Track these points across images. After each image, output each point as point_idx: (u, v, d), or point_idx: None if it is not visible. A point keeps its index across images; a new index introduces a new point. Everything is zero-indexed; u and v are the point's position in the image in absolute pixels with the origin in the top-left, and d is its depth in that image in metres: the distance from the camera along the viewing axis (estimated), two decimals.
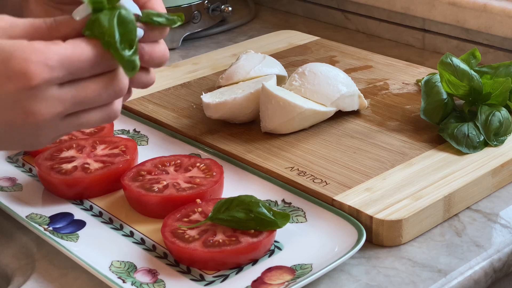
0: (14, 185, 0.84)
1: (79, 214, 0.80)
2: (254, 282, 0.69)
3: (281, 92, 0.89)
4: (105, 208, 0.80)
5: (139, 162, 0.85)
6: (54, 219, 0.78)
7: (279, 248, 0.73)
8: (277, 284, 0.68)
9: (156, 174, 0.81)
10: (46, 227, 0.76)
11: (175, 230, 0.72)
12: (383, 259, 0.73)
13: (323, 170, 0.83)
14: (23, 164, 0.89)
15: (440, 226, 0.78)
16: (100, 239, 0.76)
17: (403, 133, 0.90)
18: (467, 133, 0.86)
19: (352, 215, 0.76)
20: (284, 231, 0.74)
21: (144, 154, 0.88)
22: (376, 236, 0.75)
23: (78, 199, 0.82)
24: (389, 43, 1.27)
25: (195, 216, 0.75)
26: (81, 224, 0.78)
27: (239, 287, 0.68)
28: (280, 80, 0.99)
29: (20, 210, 0.79)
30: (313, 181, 0.81)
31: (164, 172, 0.81)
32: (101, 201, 0.82)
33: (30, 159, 0.89)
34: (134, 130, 0.95)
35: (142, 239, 0.76)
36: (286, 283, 0.68)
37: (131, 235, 0.76)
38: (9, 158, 0.90)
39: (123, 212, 0.80)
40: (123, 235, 0.76)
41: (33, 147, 0.61)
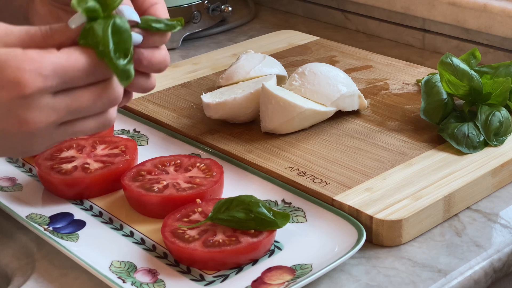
0: (14, 185, 0.84)
1: (79, 214, 0.80)
2: (254, 282, 0.69)
3: (281, 92, 0.89)
4: (105, 208, 0.80)
5: (139, 162, 0.85)
6: (54, 219, 0.78)
7: (279, 248, 0.73)
8: (277, 284, 0.68)
9: (156, 174, 0.81)
10: (46, 227, 0.76)
11: (175, 230, 0.72)
12: (383, 259, 0.73)
13: (323, 170, 0.83)
14: (23, 164, 0.89)
15: (440, 226, 0.78)
16: (100, 239, 0.76)
17: (403, 133, 0.90)
18: (467, 133, 0.86)
19: (352, 215, 0.76)
20: (284, 231, 0.74)
21: (144, 154, 0.88)
22: (376, 236, 0.75)
23: (78, 199, 0.82)
24: (389, 43, 1.27)
25: (195, 216, 0.75)
26: (81, 224, 0.78)
27: (239, 287, 0.68)
28: (280, 80, 0.99)
29: (20, 210, 0.79)
30: (313, 181, 0.81)
31: (164, 172, 0.81)
32: (101, 201, 0.82)
33: (30, 159, 0.89)
34: (134, 130, 0.95)
35: (142, 239, 0.76)
36: (286, 283, 0.68)
37: (131, 235, 0.76)
38: (9, 158, 0.90)
39: (123, 212, 0.80)
40: (123, 235, 0.76)
41: (28, 154, 0.61)
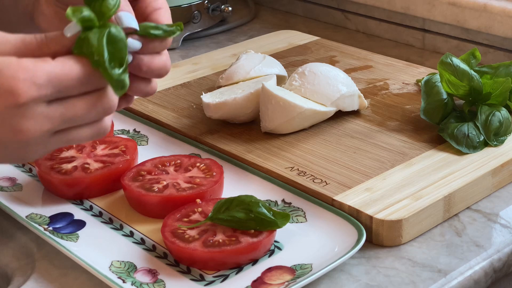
0: (14, 185, 0.84)
1: (79, 214, 0.80)
2: (254, 282, 0.69)
3: (281, 92, 0.89)
4: (105, 208, 0.80)
5: (139, 162, 0.85)
6: (54, 219, 0.78)
7: (279, 248, 0.73)
8: (277, 284, 0.68)
9: (156, 174, 0.81)
10: (46, 227, 0.76)
11: (175, 230, 0.72)
12: (383, 259, 0.73)
13: (323, 170, 0.83)
14: (23, 164, 0.89)
15: (440, 226, 0.78)
16: (100, 239, 0.75)
17: (403, 133, 0.90)
18: (467, 133, 0.86)
19: (352, 215, 0.76)
20: (284, 231, 0.74)
21: (144, 154, 0.88)
22: (376, 236, 0.75)
23: (78, 199, 0.82)
24: (389, 43, 1.27)
25: (195, 216, 0.75)
26: (81, 224, 0.78)
27: (239, 287, 0.68)
28: (280, 80, 0.99)
29: (20, 210, 0.79)
30: (313, 181, 0.81)
31: (164, 172, 0.81)
32: (101, 201, 0.82)
33: None
34: (134, 130, 0.95)
35: (142, 239, 0.76)
36: (286, 283, 0.68)
37: (131, 235, 0.76)
38: None
39: (123, 212, 0.80)
40: (123, 235, 0.76)
41: (23, 161, 0.61)
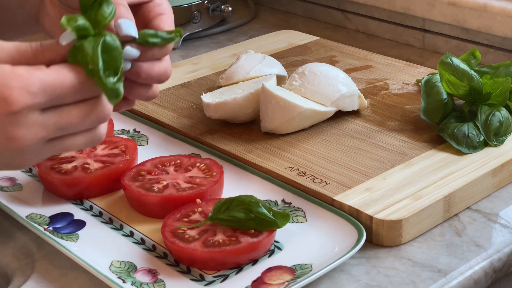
0: (14, 185, 0.84)
1: (79, 214, 0.80)
2: (254, 282, 0.69)
3: (281, 92, 0.89)
4: (105, 208, 0.80)
5: (139, 162, 0.85)
6: (54, 219, 0.78)
7: (279, 248, 0.73)
8: (277, 284, 0.68)
9: (156, 174, 0.81)
10: (46, 227, 0.76)
11: (175, 230, 0.72)
12: (383, 259, 0.73)
13: (323, 170, 0.83)
14: None
15: (440, 226, 0.78)
16: (100, 239, 0.75)
17: (403, 133, 0.90)
18: (467, 133, 0.86)
19: (352, 215, 0.75)
20: (284, 231, 0.74)
21: (144, 154, 0.88)
22: (376, 236, 0.75)
23: (78, 199, 0.82)
24: (389, 43, 1.27)
25: (195, 216, 0.74)
26: (81, 224, 0.78)
27: (239, 287, 0.68)
28: (280, 80, 0.99)
29: (20, 210, 0.79)
30: (313, 181, 0.81)
31: (164, 172, 0.81)
32: (101, 201, 0.82)
33: None
34: (134, 130, 0.95)
35: (142, 239, 0.76)
36: (286, 283, 0.68)
37: (131, 235, 0.76)
38: None
39: (123, 212, 0.80)
40: (123, 235, 0.76)
41: (17, 168, 0.61)
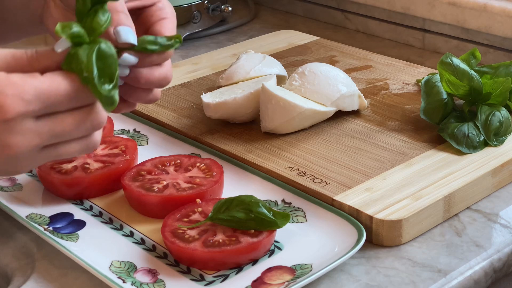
0: (14, 185, 0.84)
1: (79, 214, 0.80)
2: (254, 282, 0.69)
3: (281, 92, 0.89)
4: (105, 208, 0.80)
5: (139, 162, 0.85)
6: (54, 219, 0.78)
7: (279, 248, 0.73)
8: (277, 284, 0.68)
9: (156, 174, 0.81)
10: (46, 227, 0.76)
11: (175, 230, 0.72)
12: (383, 259, 0.73)
13: (323, 170, 0.83)
14: None
15: (440, 226, 0.78)
16: (100, 239, 0.75)
17: (403, 133, 0.90)
18: (467, 133, 0.86)
19: (352, 215, 0.75)
20: (284, 231, 0.74)
21: (144, 154, 0.88)
22: (376, 236, 0.75)
23: (78, 199, 0.82)
24: (389, 43, 1.27)
25: (195, 216, 0.74)
26: (81, 224, 0.78)
27: (239, 287, 0.68)
28: (280, 80, 0.99)
29: (20, 210, 0.79)
30: (313, 181, 0.81)
31: (164, 172, 0.81)
32: (101, 201, 0.82)
33: None
34: (134, 130, 0.95)
35: (142, 239, 0.76)
36: (286, 283, 0.68)
37: (131, 235, 0.76)
38: None
39: (123, 212, 0.80)
40: (123, 235, 0.76)
41: (12, 174, 0.61)
